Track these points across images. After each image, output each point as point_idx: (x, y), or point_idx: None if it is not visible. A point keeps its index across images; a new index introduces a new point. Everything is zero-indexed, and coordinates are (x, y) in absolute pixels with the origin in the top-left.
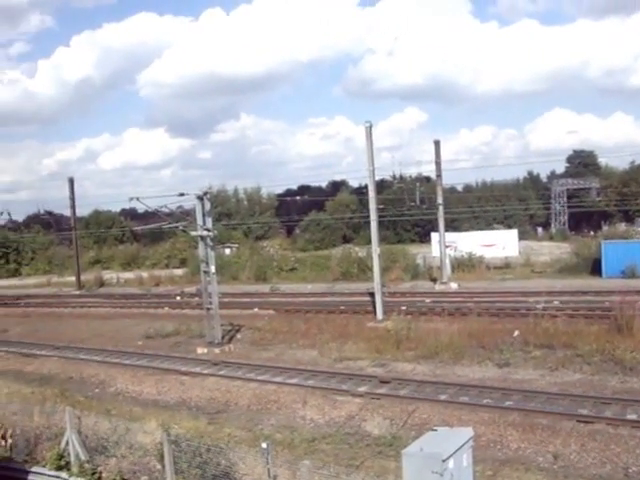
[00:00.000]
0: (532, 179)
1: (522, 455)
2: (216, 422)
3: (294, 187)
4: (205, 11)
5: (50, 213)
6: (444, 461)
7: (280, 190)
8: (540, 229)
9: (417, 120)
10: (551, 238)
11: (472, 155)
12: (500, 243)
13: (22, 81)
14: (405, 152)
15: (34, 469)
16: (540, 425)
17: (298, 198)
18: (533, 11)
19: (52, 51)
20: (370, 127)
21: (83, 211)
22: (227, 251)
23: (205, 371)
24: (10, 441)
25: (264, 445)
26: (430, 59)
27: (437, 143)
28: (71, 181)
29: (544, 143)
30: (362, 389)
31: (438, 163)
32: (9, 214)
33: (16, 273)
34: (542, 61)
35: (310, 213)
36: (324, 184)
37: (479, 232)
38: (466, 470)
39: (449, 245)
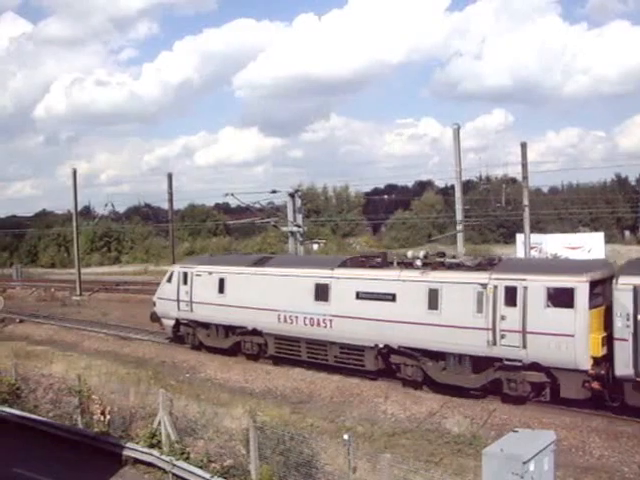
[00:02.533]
0: (620, 182)
1: (605, 463)
2: (299, 412)
3: (381, 186)
4: (298, 16)
5: (149, 206)
6: (525, 463)
7: (368, 189)
8: (627, 232)
9: (503, 122)
10: (639, 242)
11: (558, 157)
12: (586, 246)
13: (128, 84)
14: (491, 153)
15: (129, 445)
16: (626, 433)
17: (385, 197)
18: (623, 12)
19: (156, 55)
20: (458, 129)
21: (179, 204)
22: (315, 247)
23: None
24: (108, 417)
25: (346, 437)
26: (517, 61)
27: (524, 145)
28: (169, 176)
29: (633, 145)
30: None
31: (524, 165)
32: (112, 206)
33: (116, 261)
34: (632, 62)
35: (396, 212)
36: (410, 184)
37: (564, 234)
38: (547, 474)
39: (534, 247)
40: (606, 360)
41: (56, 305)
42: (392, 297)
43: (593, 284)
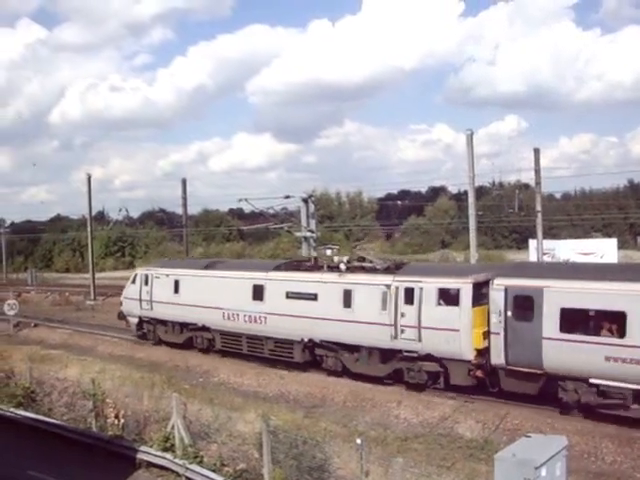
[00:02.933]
0: (633, 188)
1: (618, 469)
2: (312, 416)
3: (394, 192)
4: (312, 22)
5: (163, 211)
6: (537, 468)
7: (381, 194)
8: None
9: (516, 128)
10: None
11: (571, 163)
12: (598, 252)
13: (143, 89)
14: (504, 159)
15: (142, 448)
16: (639, 439)
17: (398, 202)
18: (637, 17)
19: (170, 61)
20: (471, 135)
21: (193, 210)
22: (328, 252)
23: None
24: (122, 421)
25: (358, 441)
26: (531, 67)
27: (537, 151)
28: (184, 181)
29: None
30: None
31: (537, 171)
32: (127, 211)
33: (130, 266)
34: None
35: (409, 217)
36: (424, 189)
37: (577, 240)
38: (559, 479)
39: (547, 252)
40: (486, 351)
41: (70, 309)
42: (314, 297)
43: (476, 286)
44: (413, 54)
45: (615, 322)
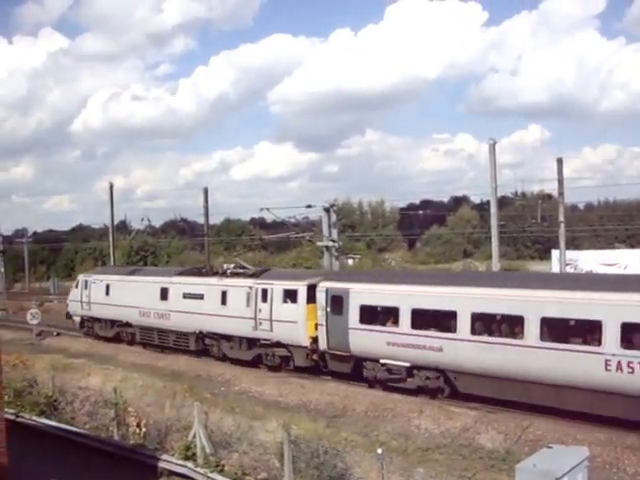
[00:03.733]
0: None
1: None
2: (333, 426)
3: (416, 201)
4: (334, 32)
5: (185, 220)
6: (558, 479)
7: (403, 204)
8: None
9: (540, 137)
10: None
11: (595, 173)
12: (622, 263)
13: (165, 98)
14: (527, 169)
15: (163, 457)
16: None
17: (420, 212)
18: None
19: (192, 70)
20: (494, 145)
21: (215, 219)
22: (350, 262)
23: None
24: (144, 430)
25: (379, 451)
26: (554, 77)
27: (560, 161)
28: (205, 191)
29: None
30: None
31: (560, 181)
32: (149, 220)
33: None
34: None
35: (431, 227)
36: (446, 199)
37: (600, 251)
38: None
39: (569, 263)
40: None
41: None
42: (201, 297)
43: (310, 287)
44: (436, 63)
45: (393, 315)
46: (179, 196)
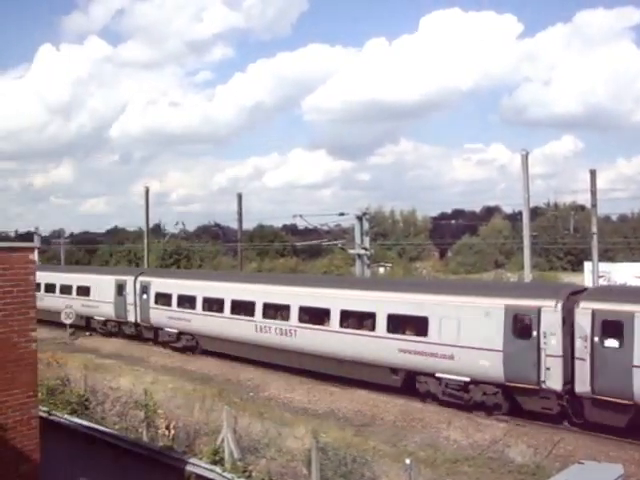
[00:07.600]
0: None
1: None
2: (362, 434)
3: (448, 211)
4: (369, 41)
5: (218, 225)
6: None
7: (435, 213)
8: None
9: (573, 148)
10: None
11: (629, 185)
12: None
13: (202, 105)
14: (559, 180)
15: (192, 460)
16: None
17: (452, 222)
18: None
19: (229, 78)
20: (526, 155)
21: (248, 225)
22: (381, 270)
23: None
24: (173, 432)
25: (407, 461)
26: (588, 88)
27: (593, 172)
28: (239, 196)
29: None
30: None
31: (594, 192)
32: (183, 224)
33: None
34: None
35: (463, 237)
36: (478, 209)
37: (634, 263)
38: None
39: (602, 275)
40: None
41: None
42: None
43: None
44: (470, 74)
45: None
46: (213, 201)
